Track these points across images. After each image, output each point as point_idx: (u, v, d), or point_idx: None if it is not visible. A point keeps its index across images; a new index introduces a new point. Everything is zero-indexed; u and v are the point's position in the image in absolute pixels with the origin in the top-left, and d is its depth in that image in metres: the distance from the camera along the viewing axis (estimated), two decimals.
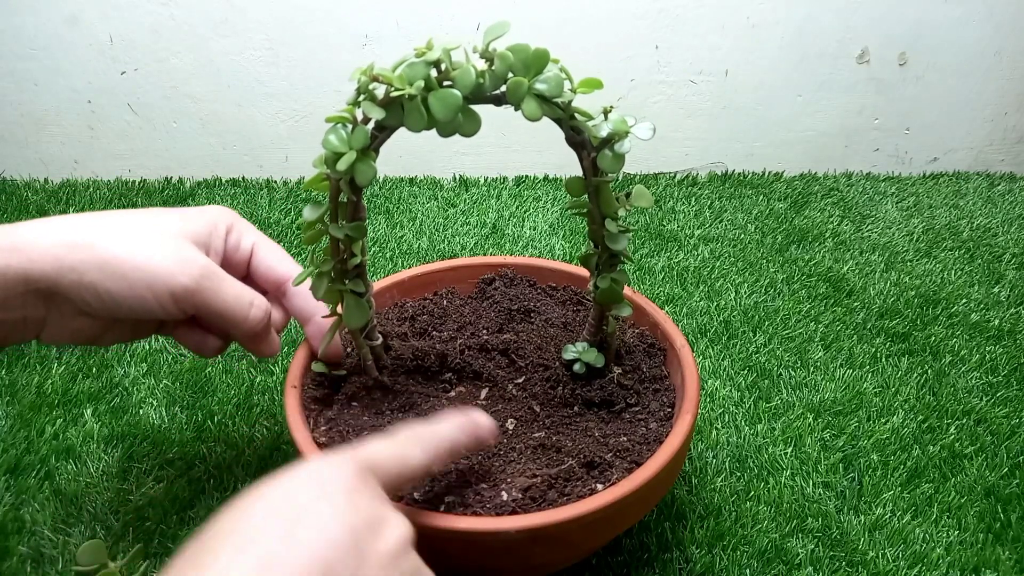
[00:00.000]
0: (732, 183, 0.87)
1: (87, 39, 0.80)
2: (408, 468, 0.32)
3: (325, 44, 0.81)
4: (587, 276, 0.42)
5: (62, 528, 0.45)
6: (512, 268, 0.53)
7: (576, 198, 0.39)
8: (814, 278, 0.70)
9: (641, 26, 0.82)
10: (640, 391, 0.44)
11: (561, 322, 0.49)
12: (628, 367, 0.45)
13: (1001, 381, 0.58)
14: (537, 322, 0.49)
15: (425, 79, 0.33)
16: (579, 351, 0.44)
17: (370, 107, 0.34)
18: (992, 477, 0.50)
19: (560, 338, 0.47)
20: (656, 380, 0.45)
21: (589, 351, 0.44)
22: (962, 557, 0.45)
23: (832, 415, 0.55)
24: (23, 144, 0.85)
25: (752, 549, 0.45)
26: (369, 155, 0.35)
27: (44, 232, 0.35)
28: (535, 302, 0.51)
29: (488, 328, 0.49)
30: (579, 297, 0.52)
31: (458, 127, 0.34)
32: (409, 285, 0.52)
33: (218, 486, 0.48)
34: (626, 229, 0.39)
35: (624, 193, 0.39)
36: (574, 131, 0.36)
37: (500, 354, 0.46)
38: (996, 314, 0.66)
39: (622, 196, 0.39)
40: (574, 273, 0.52)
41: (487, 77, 0.33)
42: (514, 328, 0.49)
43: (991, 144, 0.93)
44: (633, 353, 0.46)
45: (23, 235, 0.35)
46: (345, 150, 0.34)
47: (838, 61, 0.86)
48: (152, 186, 0.84)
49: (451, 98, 0.33)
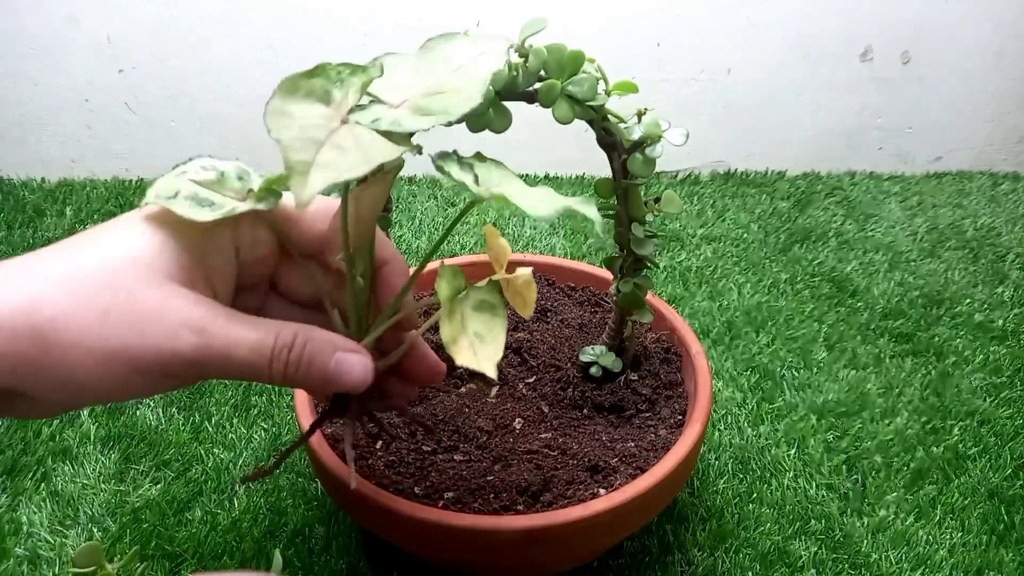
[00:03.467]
0: (734, 182, 0.87)
1: (85, 38, 0.79)
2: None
3: (324, 43, 0.81)
4: (607, 277, 0.42)
5: (59, 530, 0.44)
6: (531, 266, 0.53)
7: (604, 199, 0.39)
8: (817, 278, 0.69)
9: (642, 24, 0.82)
10: (652, 397, 0.44)
11: (577, 323, 0.49)
12: (645, 372, 0.45)
13: (1005, 382, 0.58)
14: (553, 322, 0.49)
15: None
16: (597, 354, 0.44)
17: None
18: (996, 478, 0.49)
19: (575, 339, 0.47)
20: (670, 386, 0.44)
21: (607, 355, 0.44)
22: (965, 559, 0.44)
23: (835, 416, 0.54)
24: (21, 143, 0.85)
25: (754, 552, 0.44)
26: None
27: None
28: (552, 301, 0.51)
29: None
30: (597, 299, 0.51)
31: (488, 123, 0.33)
32: (427, 279, 0.51)
33: (215, 488, 0.47)
34: (653, 234, 0.39)
35: (654, 198, 0.38)
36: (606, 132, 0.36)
37: (513, 352, 0.46)
38: (1000, 314, 0.65)
39: (651, 201, 0.38)
40: (594, 274, 0.52)
41: (520, 72, 0.33)
42: (528, 327, 0.48)
43: (993, 143, 0.92)
44: (651, 359, 0.46)
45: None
46: None
47: (841, 60, 0.85)
48: (149, 185, 0.84)
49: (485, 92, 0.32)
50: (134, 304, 0.25)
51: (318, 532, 0.44)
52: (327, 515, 0.45)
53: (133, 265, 0.26)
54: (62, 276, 0.25)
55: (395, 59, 0.29)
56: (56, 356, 0.24)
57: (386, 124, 0.26)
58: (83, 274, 0.25)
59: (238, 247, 0.29)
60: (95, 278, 0.25)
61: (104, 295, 0.25)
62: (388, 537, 0.38)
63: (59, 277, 0.25)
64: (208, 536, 0.44)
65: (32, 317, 0.24)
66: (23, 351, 0.24)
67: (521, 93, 0.34)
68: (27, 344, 0.24)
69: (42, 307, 0.24)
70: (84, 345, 0.24)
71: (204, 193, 0.28)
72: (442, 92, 0.27)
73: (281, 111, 0.25)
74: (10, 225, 0.75)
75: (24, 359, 0.24)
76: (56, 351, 0.24)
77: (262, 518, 0.45)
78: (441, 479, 0.38)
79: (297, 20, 0.80)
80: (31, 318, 0.24)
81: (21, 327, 0.24)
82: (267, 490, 0.47)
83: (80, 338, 0.24)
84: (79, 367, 0.25)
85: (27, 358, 0.24)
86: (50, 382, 0.25)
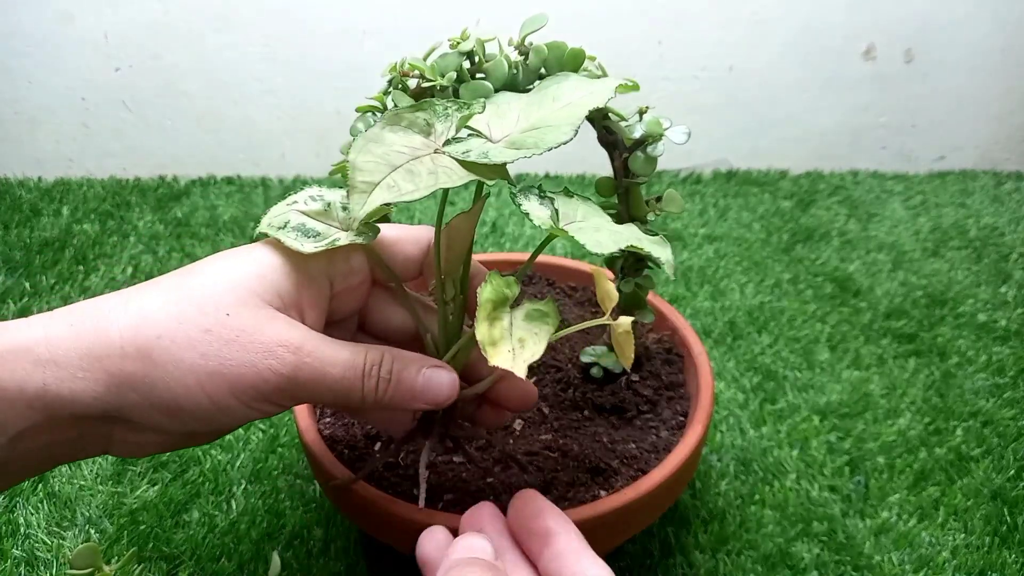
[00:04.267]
0: (737, 181, 0.86)
1: (81, 36, 0.79)
2: None
3: (322, 40, 0.80)
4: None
5: (56, 531, 0.44)
6: (532, 266, 0.53)
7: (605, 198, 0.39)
8: (820, 278, 0.69)
9: (644, 21, 0.81)
10: (654, 398, 0.43)
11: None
12: (646, 373, 0.44)
13: (1008, 382, 0.57)
14: None
15: (458, 70, 0.32)
16: (597, 355, 0.43)
17: (400, 97, 0.33)
18: (999, 479, 0.49)
19: (575, 340, 0.46)
20: (672, 387, 0.44)
21: (608, 355, 0.43)
22: (968, 561, 0.44)
23: (838, 417, 0.54)
24: (16, 142, 0.84)
25: (757, 554, 0.44)
26: None
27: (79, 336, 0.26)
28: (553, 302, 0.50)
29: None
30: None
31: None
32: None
33: (213, 489, 0.47)
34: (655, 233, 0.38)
35: (655, 197, 0.38)
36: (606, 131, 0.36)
37: None
38: (1003, 314, 0.65)
39: (652, 200, 0.38)
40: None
41: (520, 70, 0.33)
42: None
43: (998, 142, 0.92)
44: (653, 359, 0.45)
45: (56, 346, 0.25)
46: None
47: (843, 58, 0.85)
48: (146, 184, 0.83)
49: (482, 90, 0.32)
50: (234, 324, 0.26)
51: (316, 534, 0.44)
52: (325, 517, 0.45)
53: (234, 290, 0.27)
54: (167, 300, 0.27)
55: (509, 96, 0.31)
56: (160, 374, 0.26)
57: (475, 156, 0.27)
58: (187, 298, 0.27)
59: (332, 278, 0.30)
60: (199, 302, 0.27)
61: (207, 316, 0.26)
62: (387, 539, 0.38)
63: (164, 301, 0.27)
64: (206, 538, 0.44)
65: (140, 336, 0.26)
66: (130, 370, 0.26)
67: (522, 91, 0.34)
68: (134, 362, 0.26)
69: (149, 327, 0.26)
70: (187, 362, 0.26)
71: (311, 224, 0.29)
72: (540, 128, 0.28)
73: (377, 138, 0.27)
74: (6, 224, 0.74)
75: (131, 377, 0.26)
76: (160, 368, 0.26)
77: (260, 520, 0.45)
78: (440, 481, 0.38)
79: (293, 16, 0.79)
80: (139, 337, 0.26)
81: (129, 346, 0.26)
82: (265, 492, 0.47)
83: (183, 355, 0.26)
84: (180, 385, 0.26)
85: (133, 376, 0.26)
86: (152, 401, 0.26)
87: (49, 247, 0.71)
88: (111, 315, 0.26)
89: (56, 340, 0.26)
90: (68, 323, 0.26)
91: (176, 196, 0.81)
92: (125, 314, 0.26)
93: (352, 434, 0.41)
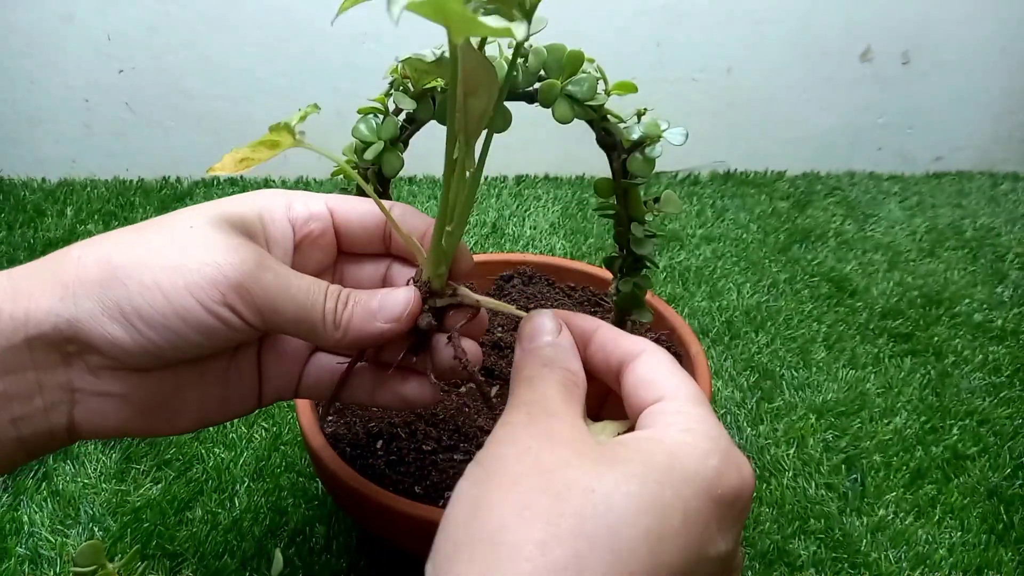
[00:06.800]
0: (734, 182, 0.87)
1: (84, 37, 0.79)
2: None
3: (322, 41, 0.81)
4: (607, 277, 0.42)
5: (60, 529, 0.45)
6: (531, 266, 0.53)
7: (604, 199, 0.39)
8: (817, 278, 0.70)
9: (642, 23, 0.82)
10: None
11: None
12: None
13: (1004, 382, 0.58)
14: None
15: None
16: None
17: (401, 98, 0.34)
18: (995, 478, 0.49)
19: None
20: None
21: None
22: (965, 558, 0.44)
23: (835, 416, 0.54)
24: (19, 143, 0.85)
25: (754, 551, 0.44)
26: (397, 147, 0.35)
27: (40, 267, 0.27)
28: (552, 302, 0.51)
29: (503, 325, 0.48)
30: (597, 299, 0.51)
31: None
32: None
33: (216, 487, 0.47)
34: (652, 234, 0.39)
35: (653, 198, 0.38)
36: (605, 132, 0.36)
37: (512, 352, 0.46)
38: (999, 314, 0.65)
39: (650, 201, 0.38)
40: (593, 274, 0.52)
41: (520, 72, 0.33)
42: None
43: (995, 143, 0.92)
44: None
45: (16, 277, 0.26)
46: (374, 140, 0.35)
47: (841, 59, 0.85)
48: (150, 185, 0.84)
49: None
50: (198, 233, 0.27)
51: (319, 531, 0.45)
52: (328, 514, 0.46)
53: (199, 214, 0.28)
54: (129, 229, 0.28)
55: None
56: (119, 276, 0.26)
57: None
58: (149, 224, 0.28)
59: (293, 223, 0.31)
60: (160, 221, 0.28)
61: (171, 229, 0.27)
62: (388, 536, 0.38)
63: (126, 230, 0.28)
64: (209, 535, 0.44)
65: (99, 248, 0.27)
66: (86, 277, 0.26)
67: (521, 93, 0.34)
68: (89, 269, 0.26)
69: (110, 241, 0.27)
70: (146, 263, 0.26)
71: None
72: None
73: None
74: (10, 225, 0.75)
75: (86, 284, 0.26)
76: (120, 271, 0.26)
77: (263, 517, 0.45)
78: (441, 478, 0.38)
79: (294, 17, 0.80)
80: (98, 249, 0.27)
81: (88, 256, 0.26)
82: (268, 490, 0.47)
83: (143, 256, 0.26)
84: (136, 283, 0.26)
85: (89, 281, 0.26)
86: (106, 304, 0.26)
87: (53, 248, 0.70)
88: (72, 247, 0.27)
89: (15, 272, 0.26)
90: (29, 263, 0.27)
91: (179, 197, 0.82)
92: (87, 242, 0.27)
93: (354, 432, 0.41)
